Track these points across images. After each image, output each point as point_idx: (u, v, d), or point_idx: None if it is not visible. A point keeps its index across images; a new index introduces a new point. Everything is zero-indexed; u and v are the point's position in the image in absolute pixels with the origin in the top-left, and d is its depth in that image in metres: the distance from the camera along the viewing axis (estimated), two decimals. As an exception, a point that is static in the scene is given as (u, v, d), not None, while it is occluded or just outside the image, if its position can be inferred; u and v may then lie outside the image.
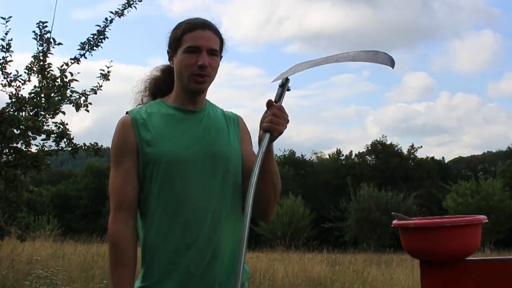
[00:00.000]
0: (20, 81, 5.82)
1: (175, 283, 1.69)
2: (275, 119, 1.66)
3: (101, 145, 6.20)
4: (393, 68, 1.65)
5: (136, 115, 1.78)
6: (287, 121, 1.69)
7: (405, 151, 52.84)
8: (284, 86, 1.75)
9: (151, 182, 1.73)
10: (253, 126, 1.99)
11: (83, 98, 5.99)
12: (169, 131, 1.76)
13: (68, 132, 5.89)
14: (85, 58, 5.97)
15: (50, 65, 5.86)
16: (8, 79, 5.80)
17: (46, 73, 5.82)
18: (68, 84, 5.88)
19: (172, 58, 1.83)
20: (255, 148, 1.95)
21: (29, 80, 5.86)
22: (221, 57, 1.85)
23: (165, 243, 1.71)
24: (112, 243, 1.71)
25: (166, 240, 1.71)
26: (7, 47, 5.79)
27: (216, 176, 1.76)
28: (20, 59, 6.10)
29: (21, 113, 5.76)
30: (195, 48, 1.74)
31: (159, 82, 1.91)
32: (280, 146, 52.03)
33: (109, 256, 1.72)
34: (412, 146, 53.17)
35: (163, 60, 1.94)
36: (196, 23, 1.78)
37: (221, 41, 1.83)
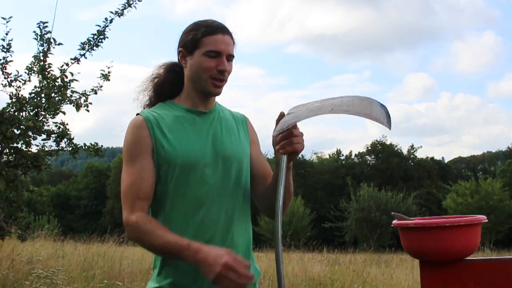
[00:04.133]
0: (20, 81, 5.83)
1: (191, 282, 1.70)
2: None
3: (101, 145, 6.21)
4: (390, 129, 1.55)
5: (148, 115, 1.77)
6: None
7: (405, 151, 52.87)
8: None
9: (166, 183, 1.74)
10: (256, 126, 2.01)
11: (83, 98, 6.00)
12: (182, 132, 1.76)
13: (68, 132, 5.90)
14: (85, 58, 5.99)
15: (51, 65, 5.88)
16: (9, 79, 5.81)
17: (46, 73, 5.83)
18: (69, 84, 5.89)
19: (184, 57, 1.81)
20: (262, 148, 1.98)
21: (29, 80, 5.87)
22: None
23: None
24: (139, 226, 1.64)
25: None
26: (8, 47, 5.80)
27: (228, 177, 1.77)
28: (21, 60, 6.11)
29: (21, 113, 5.77)
30: (216, 53, 1.75)
31: (167, 83, 1.88)
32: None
33: (141, 239, 1.65)
34: (412, 146, 53.21)
35: (166, 60, 1.93)
36: (217, 27, 1.78)
37: (234, 44, 1.83)
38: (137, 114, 1.80)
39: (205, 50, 1.75)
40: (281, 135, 1.68)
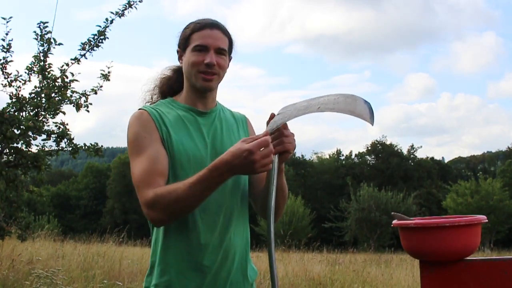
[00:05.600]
0: (20, 81, 5.83)
1: (189, 282, 1.70)
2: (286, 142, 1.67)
3: (101, 145, 6.22)
4: (372, 125, 1.52)
5: (152, 110, 1.76)
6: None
7: (405, 151, 52.88)
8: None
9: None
10: (256, 126, 2.00)
11: (83, 98, 6.00)
12: (184, 131, 1.76)
13: (68, 132, 5.91)
14: (86, 58, 5.98)
15: (51, 65, 5.88)
16: (9, 79, 5.81)
17: (46, 73, 5.83)
18: (69, 84, 5.89)
19: (181, 57, 1.83)
20: None
21: (29, 80, 5.87)
22: (230, 57, 1.86)
23: (178, 243, 1.72)
24: (157, 195, 1.59)
25: (179, 240, 1.72)
26: (8, 47, 5.80)
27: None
28: (21, 60, 6.12)
29: (21, 113, 5.77)
30: (203, 46, 1.75)
31: (170, 81, 1.90)
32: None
33: (167, 204, 1.58)
34: (412, 146, 53.21)
35: (168, 61, 1.95)
36: (205, 23, 1.79)
37: (230, 41, 1.83)
38: (140, 109, 1.79)
39: (193, 46, 1.76)
40: (272, 136, 1.67)
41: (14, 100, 5.77)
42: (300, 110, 1.68)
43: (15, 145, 5.77)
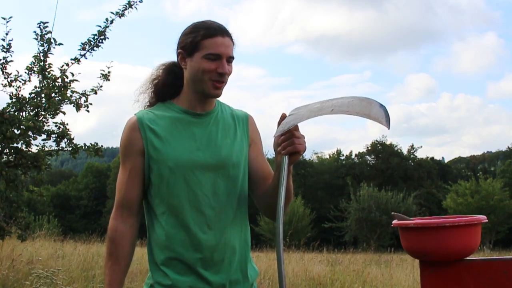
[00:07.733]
0: (20, 81, 5.83)
1: (186, 283, 1.71)
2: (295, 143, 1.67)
3: (101, 145, 6.21)
4: (389, 128, 1.54)
5: (143, 116, 1.78)
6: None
7: (405, 151, 52.83)
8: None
9: (158, 187, 1.74)
10: (258, 127, 1.99)
11: (83, 98, 6.00)
12: (175, 135, 1.76)
13: (68, 132, 5.91)
14: (86, 58, 5.99)
15: (51, 65, 5.88)
16: (9, 79, 5.81)
17: (46, 73, 5.83)
18: (69, 84, 5.89)
19: (184, 59, 1.79)
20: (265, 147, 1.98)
21: (29, 80, 5.87)
22: None
23: (173, 245, 1.72)
24: (109, 237, 1.77)
25: (174, 242, 1.72)
26: (8, 47, 5.80)
27: (222, 180, 1.77)
28: (21, 60, 6.13)
29: (21, 113, 5.77)
30: (216, 55, 1.73)
31: (163, 82, 1.88)
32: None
33: (105, 249, 1.79)
34: (412, 146, 53.17)
35: (165, 61, 1.93)
36: (216, 29, 1.76)
37: (234, 45, 1.82)
38: (134, 115, 1.81)
39: (205, 53, 1.73)
40: (283, 137, 1.67)
41: (14, 100, 5.77)
42: (313, 112, 1.67)
43: (15, 145, 5.77)
